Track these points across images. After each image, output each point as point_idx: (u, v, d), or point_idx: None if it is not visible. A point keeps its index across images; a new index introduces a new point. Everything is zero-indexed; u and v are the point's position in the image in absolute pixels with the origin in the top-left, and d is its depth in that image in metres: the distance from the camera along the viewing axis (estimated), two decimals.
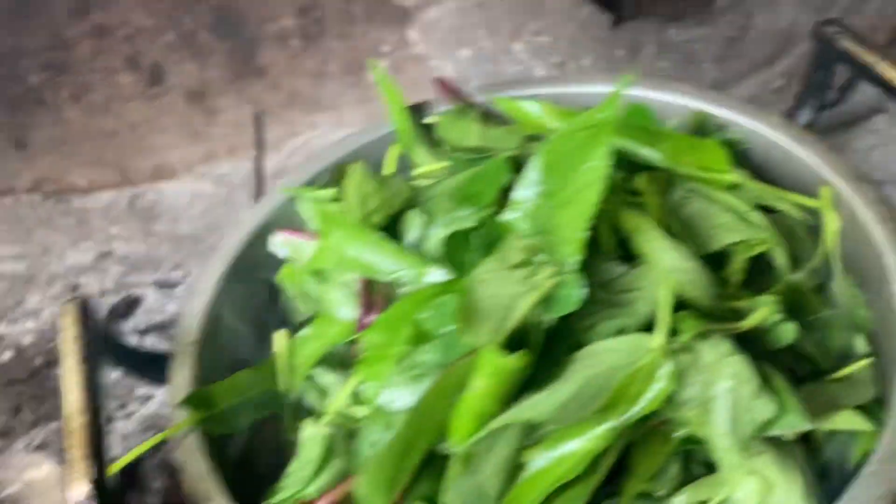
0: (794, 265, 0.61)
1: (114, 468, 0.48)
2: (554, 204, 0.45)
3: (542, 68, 1.31)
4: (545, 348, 0.45)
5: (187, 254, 1.34)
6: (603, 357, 0.44)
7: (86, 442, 0.45)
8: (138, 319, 1.28)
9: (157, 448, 0.87)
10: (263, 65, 1.37)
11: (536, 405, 0.42)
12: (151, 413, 0.96)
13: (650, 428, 0.49)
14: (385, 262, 0.53)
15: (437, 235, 0.54)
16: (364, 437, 0.48)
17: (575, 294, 0.43)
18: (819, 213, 0.61)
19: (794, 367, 0.55)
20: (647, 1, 1.31)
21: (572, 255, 0.44)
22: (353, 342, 0.59)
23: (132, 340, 1.22)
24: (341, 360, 0.61)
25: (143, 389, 1.08)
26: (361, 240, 0.54)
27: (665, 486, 0.51)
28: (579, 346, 0.46)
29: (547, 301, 0.45)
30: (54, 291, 1.30)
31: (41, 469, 0.81)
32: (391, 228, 0.57)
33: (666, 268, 0.46)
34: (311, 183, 0.70)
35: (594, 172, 0.44)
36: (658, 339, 0.44)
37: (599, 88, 0.70)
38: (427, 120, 0.69)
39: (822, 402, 0.51)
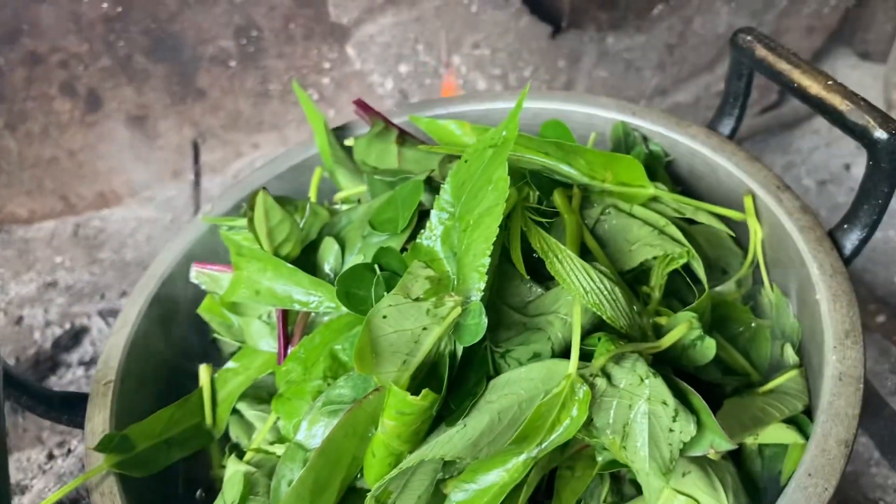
0: (721, 275, 0.61)
1: None
2: (462, 227, 0.44)
3: (482, 81, 1.30)
4: (459, 377, 0.44)
5: (133, 281, 1.32)
6: (517, 386, 0.43)
7: None
8: (84, 350, 1.25)
9: None
10: (202, 87, 1.35)
11: (448, 441, 0.41)
12: None
13: (574, 453, 0.48)
14: (299, 292, 0.52)
15: (353, 263, 0.53)
16: (281, 475, 0.46)
17: (481, 323, 0.42)
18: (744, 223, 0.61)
19: (722, 381, 0.54)
20: (584, 10, 1.31)
21: (476, 282, 0.43)
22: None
23: (78, 372, 1.19)
24: (268, 391, 0.59)
25: None
26: (275, 271, 0.53)
27: None
28: (496, 372, 0.45)
29: (455, 330, 0.44)
30: None
31: None
32: (308, 256, 0.56)
33: (579, 290, 0.45)
34: (237, 210, 0.69)
35: (496, 194, 0.43)
36: (571, 364, 0.43)
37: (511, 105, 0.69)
38: (347, 142, 0.67)
39: (752, 416, 0.51)
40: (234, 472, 0.52)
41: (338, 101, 1.42)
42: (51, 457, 0.95)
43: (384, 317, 0.42)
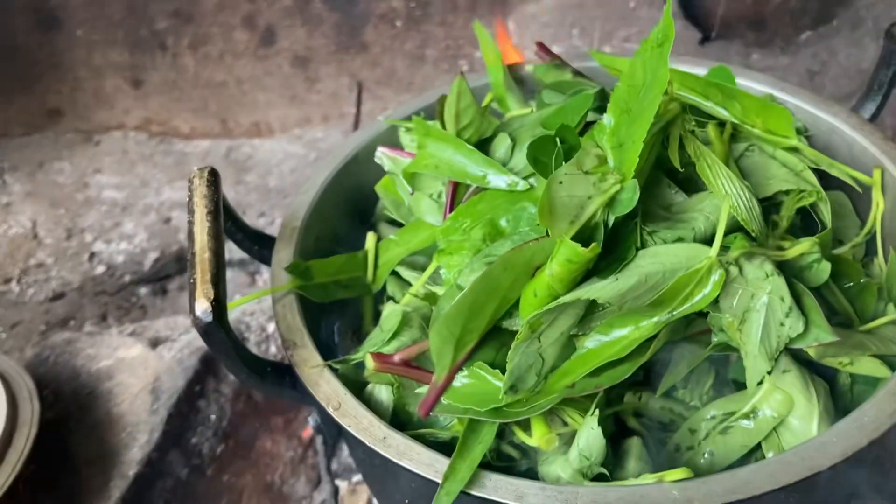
0: (839, 242, 0.67)
1: (233, 304, 0.57)
2: (629, 120, 0.52)
3: None
4: (611, 243, 0.52)
5: (273, 205, 1.44)
6: (663, 257, 0.50)
7: (208, 271, 0.54)
8: None
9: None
10: (367, 41, 1.46)
11: (602, 289, 0.49)
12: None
13: (691, 336, 0.55)
14: (474, 167, 0.61)
15: (523, 158, 0.62)
16: (440, 307, 0.55)
17: (633, 198, 0.50)
18: (869, 197, 0.67)
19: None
20: (734, 25, 1.37)
21: (632, 163, 0.51)
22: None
23: None
24: (421, 266, 0.68)
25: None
26: (454, 147, 0.62)
27: (698, 397, 0.57)
28: (643, 246, 0.52)
29: (611, 204, 0.52)
30: (148, 221, 1.40)
31: (132, 350, 0.90)
32: (482, 147, 0.64)
33: (721, 191, 0.53)
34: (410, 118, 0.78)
35: (657, 87, 0.50)
36: (713, 249, 0.51)
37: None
38: (527, 67, 0.76)
39: (852, 343, 0.56)
40: (391, 310, 0.61)
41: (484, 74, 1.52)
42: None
43: (560, 182, 0.51)
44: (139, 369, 0.88)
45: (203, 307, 0.52)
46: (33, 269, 1.33)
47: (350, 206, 0.74)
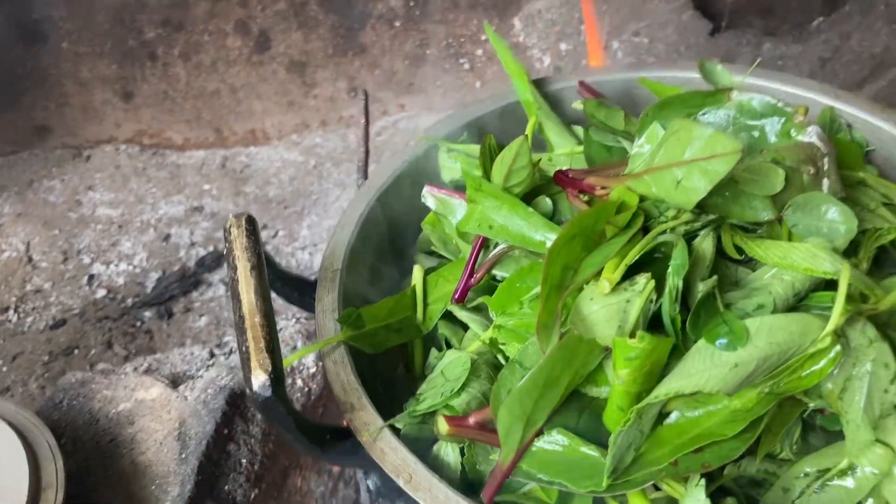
0: None
1: (287, 362, 0.52)
2: None
3: None
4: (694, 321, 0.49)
5: (274, 216, 1.39)
6: (778, 335, 0.47)
7: (261, 338, 0.49)
8: (224, 273, 1.32)
9: None
10: (365, 43, 1.41)
11: (723, 379, 0.46)
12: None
13: (789, 398, 0.52)
14: (533, 231, 0.57)
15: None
16: (501, 383, 0.50)
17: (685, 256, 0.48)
18: None
19: None
20: (743, 14, 1.34)
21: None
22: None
23: (219, 291, 1.27)
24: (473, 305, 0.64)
25: (228, 337, 1.13)
26: (510, 210, 0.58)
27: (788, 446, 0.54)
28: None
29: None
30: (146, 239, 1.35)
31: (151, 390, 0.85)
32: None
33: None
34: (450, 137, 0.74)
35: None
36: (830, 325, 0.47)
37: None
38: (575, 105, 0.72)
39: None
40: (455, 357, 0.56)
41: (486, 73, 1.47)
42: (212, 354, 1.01)
43: (591, 299, 0.48)
44: (162, 412, 0.83)
45: (261, 381, 0.47)
46: (31, 295, 1.27)
47: (387, 240, 0.70)
